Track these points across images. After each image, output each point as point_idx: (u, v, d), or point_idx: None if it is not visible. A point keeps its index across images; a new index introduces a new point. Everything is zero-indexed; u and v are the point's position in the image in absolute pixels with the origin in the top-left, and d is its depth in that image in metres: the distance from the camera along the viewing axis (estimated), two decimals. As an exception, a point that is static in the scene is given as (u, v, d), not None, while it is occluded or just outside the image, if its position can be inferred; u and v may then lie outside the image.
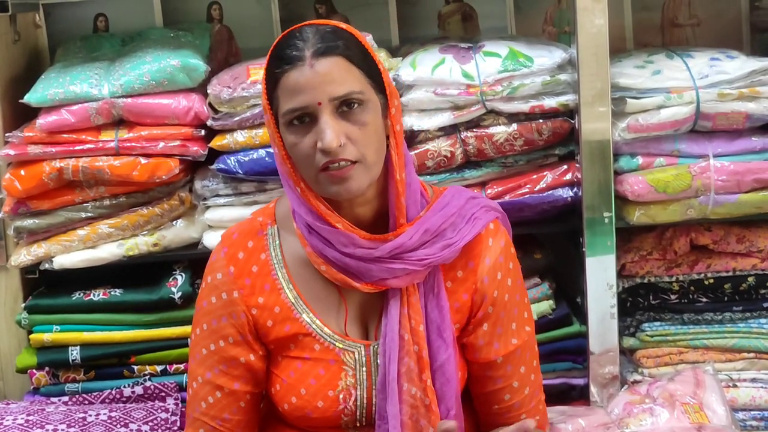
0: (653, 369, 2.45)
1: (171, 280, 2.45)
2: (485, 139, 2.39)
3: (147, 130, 2.41)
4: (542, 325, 2.40)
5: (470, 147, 2.40)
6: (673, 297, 2.47)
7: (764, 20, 2.86)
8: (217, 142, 2.42)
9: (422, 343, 1.74)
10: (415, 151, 2.39)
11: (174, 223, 2.48)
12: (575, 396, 2.47)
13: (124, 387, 2.42)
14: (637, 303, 2.48)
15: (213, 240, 2.41)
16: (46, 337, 2.42)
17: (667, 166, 2.38)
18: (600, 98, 2.31)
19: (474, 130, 2.40)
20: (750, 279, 2.46)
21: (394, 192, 1.71)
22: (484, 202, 1.83)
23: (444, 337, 1.76)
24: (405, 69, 2.41)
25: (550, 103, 2.37)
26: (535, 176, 2.43)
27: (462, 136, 2.40)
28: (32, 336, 2.43)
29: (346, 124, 1.63)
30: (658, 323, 2.47)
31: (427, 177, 2.40)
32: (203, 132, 2.42)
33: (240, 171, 2.40)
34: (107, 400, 2.40)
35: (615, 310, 2.37)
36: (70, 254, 2.44)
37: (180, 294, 2.41)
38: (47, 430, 2.23)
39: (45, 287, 2.53)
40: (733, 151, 2.38)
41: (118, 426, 2.27)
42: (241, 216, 2.25)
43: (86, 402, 2.39)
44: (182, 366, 2.43)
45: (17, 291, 2.55)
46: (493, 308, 1.79)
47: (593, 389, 2.40)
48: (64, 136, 2.38)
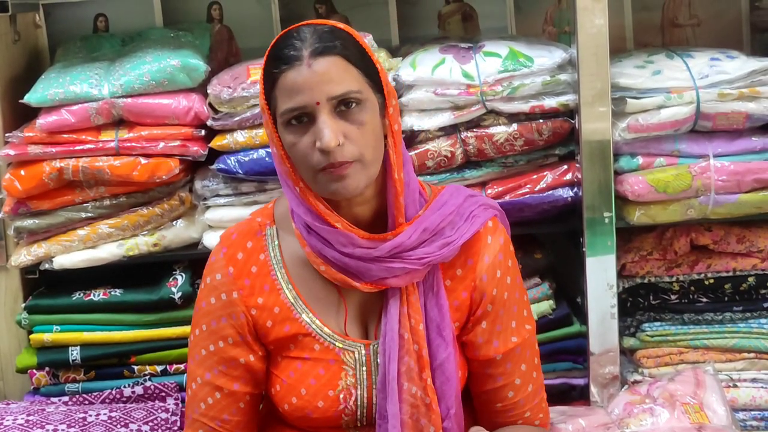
0: (653, 369, 2.45)
1: (171, 280, 2.45)
2: (485, 139, 2.39)
3: (147, 130, 2.41)
4: (542, 325, 2.40)
5: (470, 147, 2.40)
6: (673, 297, 2.47)
7: (764, 20, 2.86)
8: (217, 142, 2.42)
9: (422, 342, 1.74)
10: (416, 151, 2.39)
11: (174, 223, 2.48)
12: (575, 396, 2.47)
13: (125, 387, 2.42)
14: (637, 303, 2.48)
15: (213, 240, 2.41)
16: (47, 337, 2.42)
17: (667, 166, 2.38)
18: (600, 98, 2.31)
19: (474, 130, 2.40)
20: (750, 279, 2.46)
21: (393, 191, 1.71)
22: (482, 200, 1.83)
23: (444, 335, 1.76)
24: (405, 69, 2.41)
25: (551, 103, 2.37)
26: (535, 176, 2.43)
27: (462, 136, 2.40)
28: (32, 336, 2.43)
29: (344, 124, 1.63)
30: (658, 323, 2.47)
31: (428, 177, 2.40)
32: (203, 132, 2.43)
33: (240, 171, 2.40)
34: (107, 400, 2.40)
35: (615, 310, 2.37)
36: (71, 254, 2.44)
37: (180, 294, 2.41)
38: (47, 430, 2.23)
39: (45, 287, 2.53)
40: (734, 151, 2.38)
41: (119, 426, 2.27)
42: (241, 216, 2.25)
43: (86, 402, 2.40)
44: (182, 366, 2.43)
45: (17, 291, 2.56)
46: (493, 306, 1.79)
47: (593, 389, 2.40)
48: (64, 136, 2.39)
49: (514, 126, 2.38)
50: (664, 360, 2.45)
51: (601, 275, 2.35)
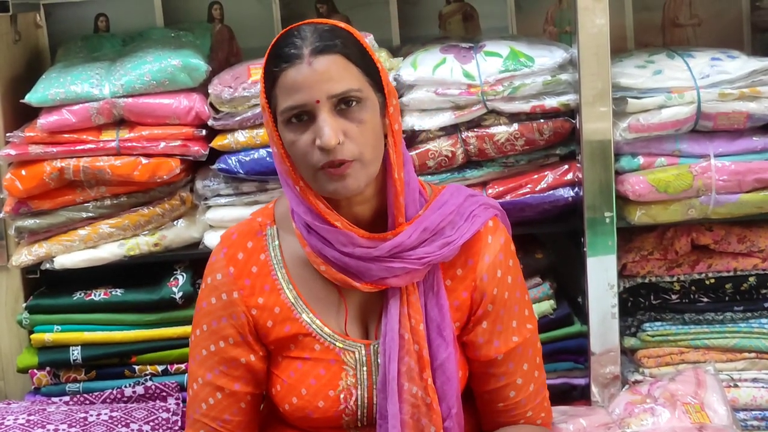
0: (654, 369, 2.44)
1: (172, 279, 2.45)
2: (486, 139, 2.39)
3: (148, 129, 2.41)
4: (543, 324, 2.40)
5: (471, 147, 2.40)
6: (674, 297, 2.47)
7: (765, 20, 2.86)
8: (218, 142, 2.42)
9: (422, 342, 1.74)
10: (416, 150, 2.39)
11: (175, 222, 2.48)
12: (576, 396, 2.47)
13: (125, 387, 2.42)
14: (638, 303, 2.47)
15: (214, 240, 2.41)
16: (47, 337, 2.42)
17: (668, 166, 2.38)
18: (601, 98, 2.30)
19: (475, 129, 2.40)
20: (751, 279, 2.46)
21: (393, 191, 1.71)
22: (482, 199, 1.83)
23: (444, 335, 1.76)
24: (406, 69, 2.41)
25: (551, 102, 2.37)
26: (536, 176, 2.43)
27: (463, 136, 2.40)
28: (33, 336, 2.43)
29: (344, 122, 1.63)
30: (659, 323, 2.47)
31: (429, 177, 2.40)
32: (204, 132, 2.43)
33: (241, 171, 2.40)
34: (108, 400, 2.40)
35: (616, 309, 2.36)
36: (71, 254, 2.44)
37: (181, 294, 2.41)
38: (48, 430, 2.23)
39: (46, 287, 2.53)
40: (734, 151, 2.37)
41: (119, 426, 2.27)
42: (242, 216, 2.25)
43: (87, 402, 2.39)
44: (183, 366, 2.43)
45: (18, 291, 2.56)
46: (493, 306, 1.79)
47: (594, 389, 2.40)
48: (65, 136, 2.39)
49: (515, 126, 2.38)
50: (665, 360, 2.45)
51: (601, 275, 2.35)
